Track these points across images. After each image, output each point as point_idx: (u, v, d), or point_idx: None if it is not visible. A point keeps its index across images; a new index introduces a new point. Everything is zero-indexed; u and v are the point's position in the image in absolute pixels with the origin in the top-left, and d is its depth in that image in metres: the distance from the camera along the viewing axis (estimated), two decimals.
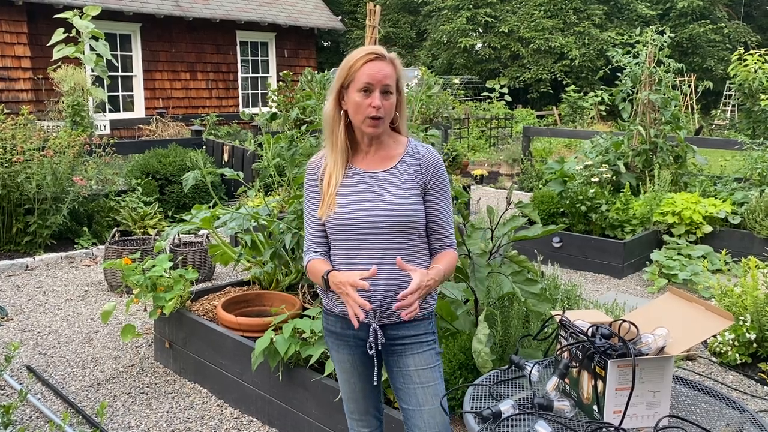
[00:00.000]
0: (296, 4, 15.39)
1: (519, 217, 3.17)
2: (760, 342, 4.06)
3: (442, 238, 2.06)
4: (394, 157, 2.02)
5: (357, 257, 1.98)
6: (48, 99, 10.14)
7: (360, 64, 1.93)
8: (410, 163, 2.01)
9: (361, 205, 1.97)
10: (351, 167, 2.03)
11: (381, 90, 1.92)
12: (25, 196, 6.10)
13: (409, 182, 1.99)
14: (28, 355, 4.18)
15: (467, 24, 22.10)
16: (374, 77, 1.91)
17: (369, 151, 2.04)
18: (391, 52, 2.00)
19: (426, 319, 2.06)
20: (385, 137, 2.04)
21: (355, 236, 1.97)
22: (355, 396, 2.18)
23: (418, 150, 2.04)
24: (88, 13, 8.27)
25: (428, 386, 2.03)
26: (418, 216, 1.99)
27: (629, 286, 5.80)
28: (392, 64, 1.97)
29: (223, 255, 4.30)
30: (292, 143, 4.13)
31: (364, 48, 1.98)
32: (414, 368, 2.03)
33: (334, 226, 2.00)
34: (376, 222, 1.95)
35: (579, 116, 17.99)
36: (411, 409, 2.04)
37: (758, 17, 24.80)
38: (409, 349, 2.03)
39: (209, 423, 3.40)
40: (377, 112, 1.92)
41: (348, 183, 2.01)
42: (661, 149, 7.41)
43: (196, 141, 8.99)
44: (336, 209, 1.98)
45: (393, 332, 2.02)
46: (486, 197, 9.49)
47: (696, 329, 1.91)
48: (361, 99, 1.93)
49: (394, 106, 1.98)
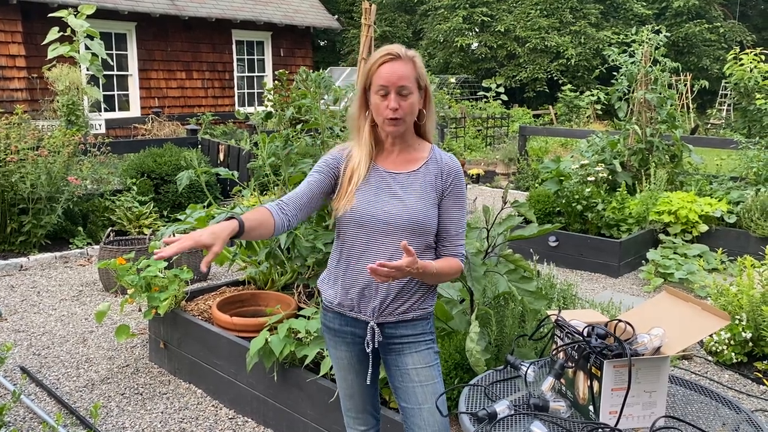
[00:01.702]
0: (292, 3, 15.37)
1: (515, 216, 3.16)
2: (756, 341, 4.06)
3: (449, 247, 2.04)
4: (417, 160, 2.04)
5: (367, 254, 1.99)
6: (43, 98, 10.11)
7: (376, 66, 1.95)
8: (432, 169, 2.03)
9: (377, 203, 1.98)
10: (375, 165, 2.04)
11: (397, 91, 1.93)
12: (19, 195, 6.07)
13: (428, 187, 2.00)
14: (22, 355, 4.16)
15: (463, 23, 22.11)
16: (389, 79, 1.92)
17: (393, 151, 2.05)
18: (410, 50, 1.99)
19: (424, 318, 2.06)
20: (411, 139, 2.06)
21: (368, 233, 1.99)
22: (352, 393, 2.18)
23: (441, 157, 2.05)
24: (83, 11, 8.25)
25: (427, 385, 2.03)
26: (431, 221, 1.99)
27: (625, 285, 5.80)
28: (411, 63, 1.96)
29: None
30: (288, 142, 4.12)
31: (382, 49, 1.99)
32: (413, 367, 2.03)
33: (349, 220, 2.01)
34: (389, 222, 1.96)
35: (575, 115, 18.01)
36: (410, 408, 2.04)
37: (754, 17, 24.86)
38: (407, 348, 2.03)
39: (204, 423, 3.39)
40: (394, 114, 1.94)
41: (369, 181, 2.02)
42: (657, 148, 7.42)
43: (192, 140, 8.96)
44: (353, 204, 2.00)
45: (391, 331, 2.03)
46: (482, 196, 9.48)
47: (692, 329, 1.90)
48: (380, 101, 1.95)
49: (415, 105, 1.98)
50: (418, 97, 1.98)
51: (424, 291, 2.04)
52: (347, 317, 2.07)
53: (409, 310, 2.02)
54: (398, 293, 2.00)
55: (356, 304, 2.03)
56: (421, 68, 1.99)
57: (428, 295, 2.07)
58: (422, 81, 1.99)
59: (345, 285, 2.03)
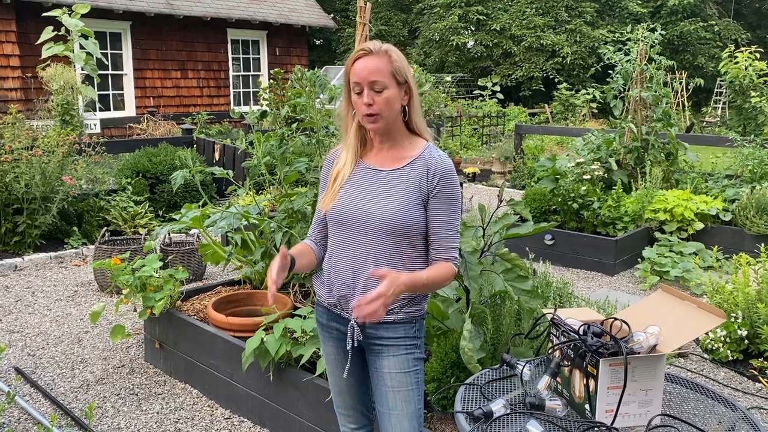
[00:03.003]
0: (287, 2, 15.34)
1: (511, 214, 3.15)
2: (752, 339, 4.06)
3: (439, 250, 1.97)
4: (405, 158, 1.99)
5: (345, 251, 2.00)
6: (37, 98, 10.07)
7: (351, 63, 1.94)
8: (418, 168, 1.96)
9: (357, 202, 1.97)
10: (361, 162, 2.04)
11: (369, 86, 1.90)
12: (13, 195, 6.04)
13: (411, 187, 1.94)
14: (17, 356, 4.14)
15: (459, 22, 22.10)
16: (360, 75, 1.91)
17: (382, 149, 2.02)
18: (385, 44, 1.95)
19: (408, 322, 2.00)
20: (400, 136, 2.01)
21: (348, 231, 1.99)
22: (340, 389, 2.18)
23: (431, 156, 1.97)
24: (77, 11, 8.20)
25: (399, 391, 1.99)
26: (411, 222, 1.93)
27: (621, 284, 5.81)
28: (385, 57, 1.91)
29: (214, 254, 4.27)
30: (283, 141, 4.11)
31: (358, 46, 1.99)
32: (387, 371, 1.99)
33: (330, 218, 2.04)
34: (367, 221, 1.94)
35: (571, 114, 18.03)
36: (381, 411, 2.03)
37: (748, 15, 24.92)
38: (386, 351, 2.00)
39: (200, 424, 3.38)
40: (369, 109, 1.91)
41: (353, 179, 2.02)
42: (653, 146, 7.43)
43: (187, 140, 8.94)
44: (335, 202, 2.00)
45: (371, 331, 2.00)
46: (478, 195, 9.48)
47: (688, 327, 1.90)
48: (357, 98, 1.93)
49: (393, 100, 1.92)
50: (396, 93, 1.92)
51: (408, 294, 1.97)
52: (333, 313, 2.08)
53: (390, 313, 1.96)
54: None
55: (338, 302, 2.03)
56: (398, 62, 1.93)
57: (414, 299, 2.00)
58: (400, 76, 1.93)
59: (329, 282, 2.04)
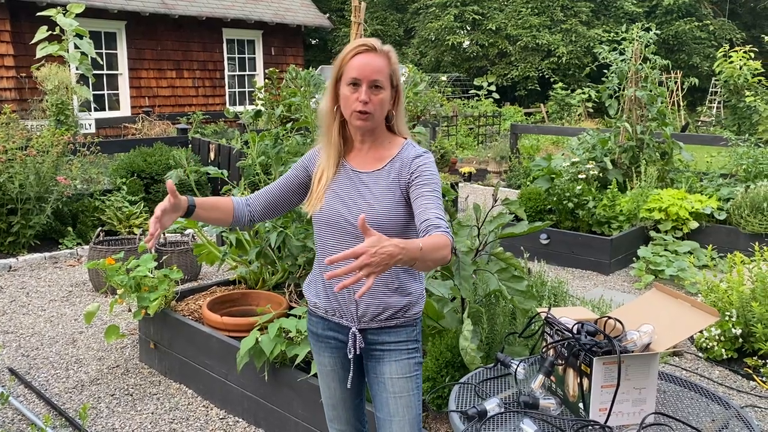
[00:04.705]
0: (283, 1, 15.32)
1: (506, 214, 3.16)
2: (746, 337, 4.08)
3: (428, 223, 1.74)
4: (385, 158, 1.95)
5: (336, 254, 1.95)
6: (31, 98, 10.04)
7: (349, 57, 1.87)
8: (396, 166, 1.92)
9: (345, 203, 1.92)
10: (344, 163, 1.98)
11: (369, 84, 1.85)
12: (7, 196, 6.02)
13: (393, 185, 1.91)
14: (11, 356, 4.12)
15: (455, 21, 22.12)
16: (362, 71, 1.84)
17: (362, 149, 1.97)
18: (386, 44, 1.93)
19: (409, 326, 1.97)
20: (381, 136, 1.97)
21: (338, 234, 1.93)
22: (335, 402, 2.11)
23: (407, 152, 1.93)
24: (71, 10, 8.18)
25: (401, 397, 1.94)
26: (398, 221, 1.90)
27: (616, 283, 5.82)
28: (386, 58, 1.89)
29: (209, 254, 4.26)
30: (278, 141, 4.10)
31: (357, 41, 1.92)
32: (389, 376, 1.95)
33: (319, 220, 1.97)
34: (355, 223, 1.88)
35: (566, 113, 18.06)
36: (382, 418, 1.97)
37: (743, 14, 24.99)
38: (388, 356, 1.95)
39: (195, 424, 3.37)
40: (364, 107, 1.84)
41: (338, 180, 1.96)
42: (648, 146, 7.44)
43: (182, 139, 8.91)
44: (322, 204, 1.95)
45: (373, 337, 1.95)
46: (474, 194, 9.49)
47: (682, 325, 1.91)
48: (350, 93, 1.86)
49: (386, 102, 1.89)
50: (389, 95, 1.90)
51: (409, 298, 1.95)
52: (330, 321, 2.00)
53: (392, 317, 1.93)
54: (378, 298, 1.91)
55: (336, 309, 1.97)
56: (395, 65, 1.90)
57: (415, 302, 1.97)
58: (395, 78, 1.91)
59: (325, 288, 1.98)
